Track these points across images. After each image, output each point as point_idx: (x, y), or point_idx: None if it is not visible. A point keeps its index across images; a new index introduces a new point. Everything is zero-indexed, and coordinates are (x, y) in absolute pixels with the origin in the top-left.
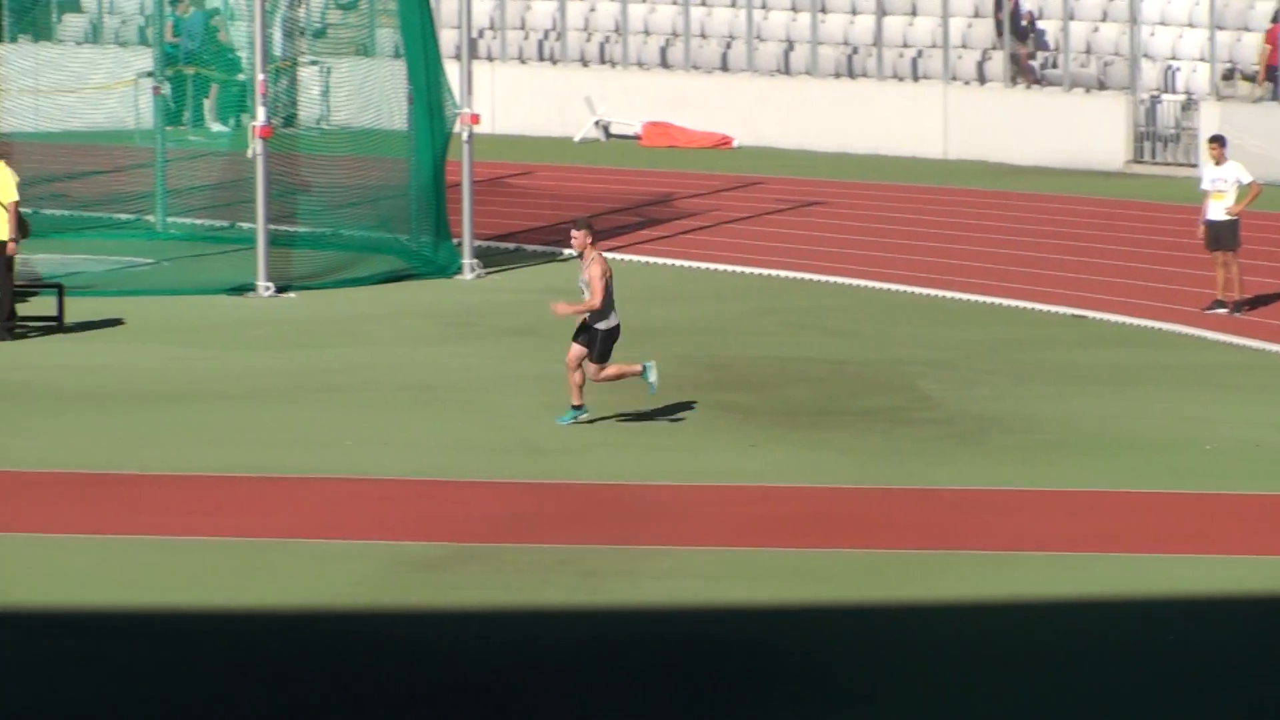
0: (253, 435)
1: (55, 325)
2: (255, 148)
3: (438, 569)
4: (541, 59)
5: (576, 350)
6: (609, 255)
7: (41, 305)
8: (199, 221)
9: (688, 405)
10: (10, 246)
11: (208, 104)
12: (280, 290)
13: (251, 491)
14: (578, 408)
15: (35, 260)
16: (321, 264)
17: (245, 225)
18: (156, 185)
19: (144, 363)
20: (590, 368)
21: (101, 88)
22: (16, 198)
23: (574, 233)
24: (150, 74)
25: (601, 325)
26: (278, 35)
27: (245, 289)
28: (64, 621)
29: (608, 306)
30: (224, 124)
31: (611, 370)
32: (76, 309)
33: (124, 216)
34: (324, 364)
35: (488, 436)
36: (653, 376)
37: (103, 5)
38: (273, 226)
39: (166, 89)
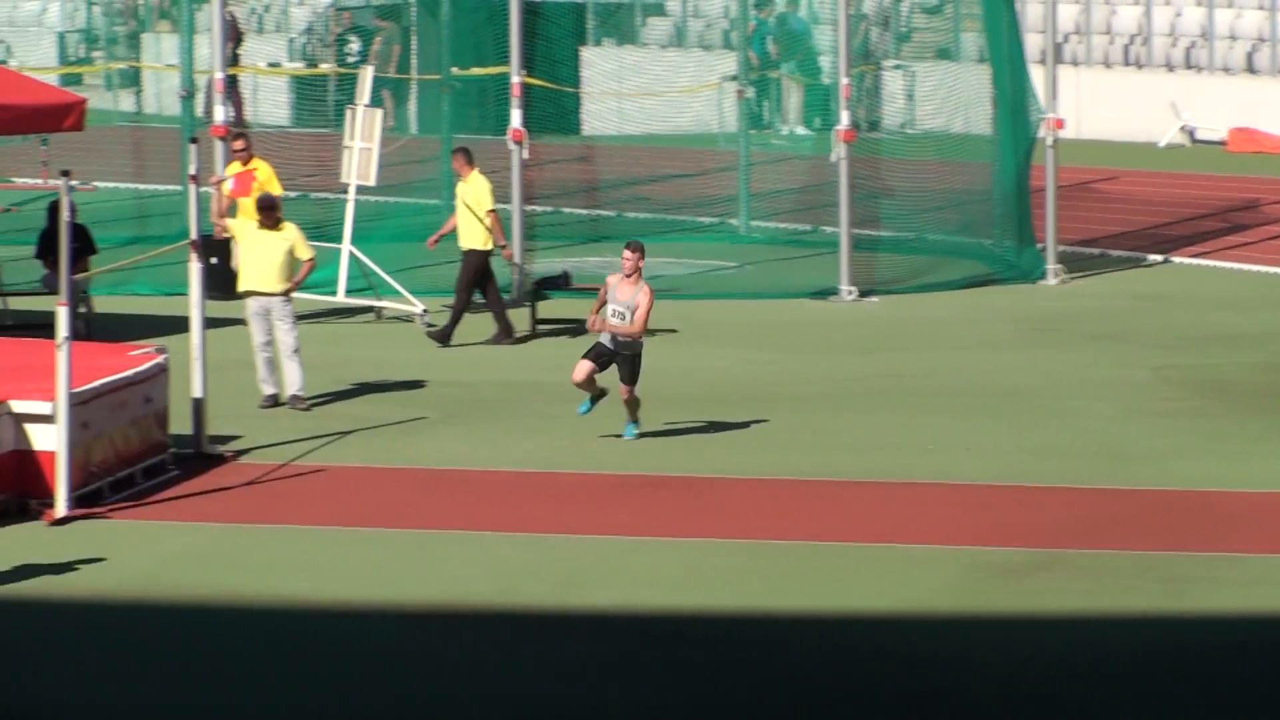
0: (832, 439)
1: None
2: (838, 151)
3: (1018, 574)
4: (1126, 64)
5: (587, 366)
6: (1192, 262)
7: None
8: (781, 225)
9: (1269, 412)
10: (506, 254)
11: (791, 106)
12: (863, 294)
13: (830, 495)
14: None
15: (618, 263)
16: (904, 268)
17: (828, 229)
18: (739, 189)
19: (725, 366)
20: (622, 389)
21: (685, 91)
22: (492, 206)
23: (626, 253)
24: (734, 77)
25: (638, 350)
26: (873, 38)
27: (828, 293)
28: (633, 623)
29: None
30: (807, 127)
31: (634, 395)
32: (660, 313)
33: (707, 220)
34: (906, 368)
35: (1070, 442)
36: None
37: (687, 9)
38: (856, 230)
39: (750, 92)
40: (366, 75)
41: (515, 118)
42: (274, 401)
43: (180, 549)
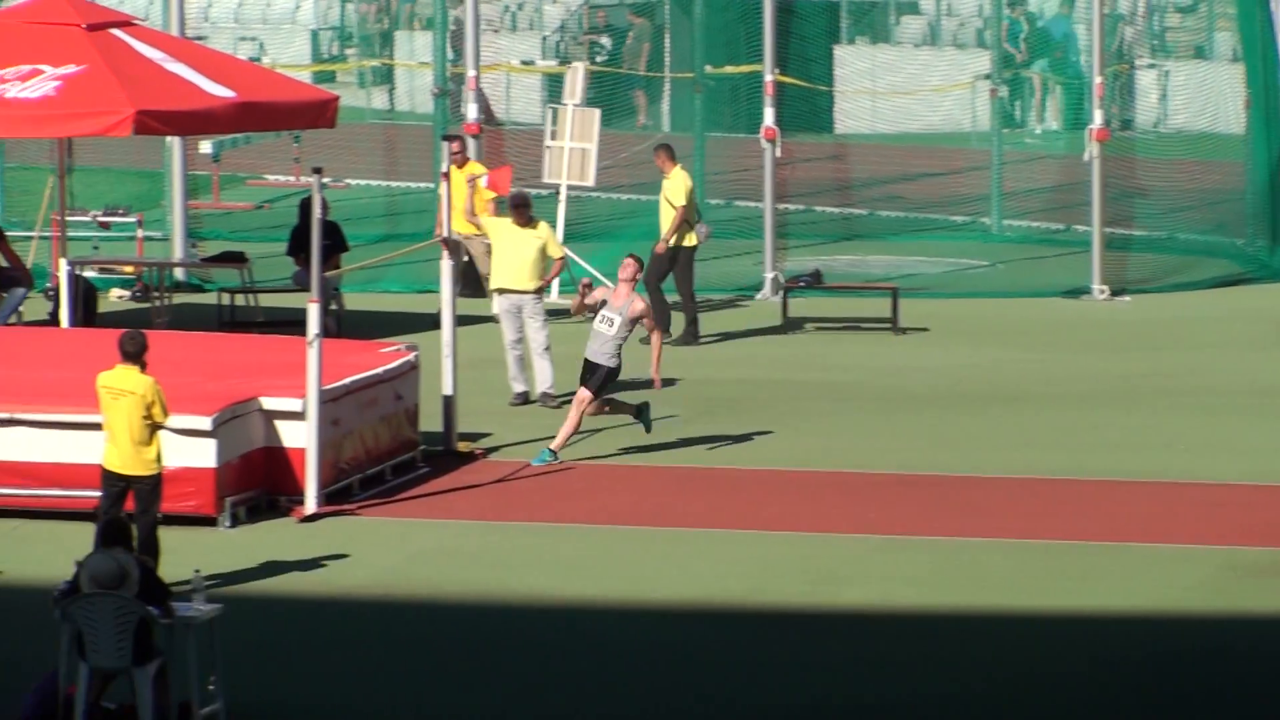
0: (1083, 438)
1: (890, 327)
2: (1092, 150)
3: (1272, 574)
4: None
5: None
6: None
7: (876, 307)
8: (1034, 224)
9: None
10: (659, 246)
11: (1050, 104)
12: (1115, 294)
13: (1082, 494)
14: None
15: (870, 262)
16: (1156, 267)
17: (1080, 228)
18: (992, 187)
19: (977, 365)
20: (585, 396)
21: (938, 89)
22: (684, 203)
23: (628, 260)
24: (988, 76)
25: (615, 363)
26: (1127, 37)
27: (1080, 292)
28: (885, 621)
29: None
30: (1061, 126)
31: (600, 406)
32: (912, 311)
33: (959, 219)
34: (1158, 367)
35: None
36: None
37: (940, 7)
38: (1108, 229)
39: (1004, 91)
40: (577, 74)
41: (768, 116)
42: (524, 399)
43: (428, 546)
